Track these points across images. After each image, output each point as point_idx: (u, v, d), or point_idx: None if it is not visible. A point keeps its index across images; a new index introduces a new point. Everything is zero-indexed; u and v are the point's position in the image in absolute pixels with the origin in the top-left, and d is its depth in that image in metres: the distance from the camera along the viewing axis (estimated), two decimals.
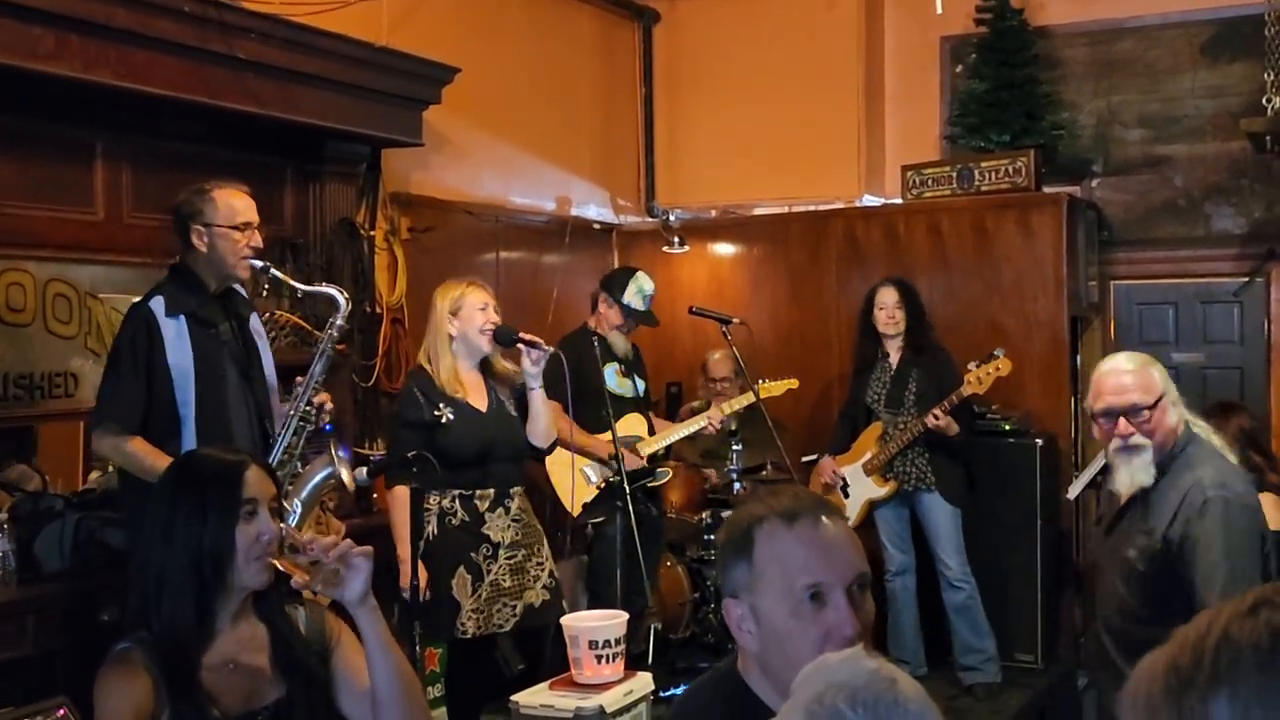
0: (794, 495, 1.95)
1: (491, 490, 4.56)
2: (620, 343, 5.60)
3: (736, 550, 1.91)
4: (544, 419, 4.64)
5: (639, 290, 5.57)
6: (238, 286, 4.00)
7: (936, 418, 5.69)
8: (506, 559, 4.55)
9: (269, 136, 4.94)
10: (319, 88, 4.86)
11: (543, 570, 4.63)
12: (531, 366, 4.55)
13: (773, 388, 5.81)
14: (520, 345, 4.53)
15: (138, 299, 3.88)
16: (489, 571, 4.51)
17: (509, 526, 4.57)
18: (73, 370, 4.37)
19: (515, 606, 4.53)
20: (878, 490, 5.99)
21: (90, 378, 4.40)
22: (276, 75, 4.66)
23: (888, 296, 6.00)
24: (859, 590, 1.87)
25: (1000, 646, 6.03)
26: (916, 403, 5.85)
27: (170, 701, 2.34)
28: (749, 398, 5.73)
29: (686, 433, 5.79)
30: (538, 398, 4.61)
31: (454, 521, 4.52)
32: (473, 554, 4.50)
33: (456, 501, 4.52)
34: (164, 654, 2.36)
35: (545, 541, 4.72)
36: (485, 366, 4.69)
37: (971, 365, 5.75)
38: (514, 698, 3.73)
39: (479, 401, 4.62)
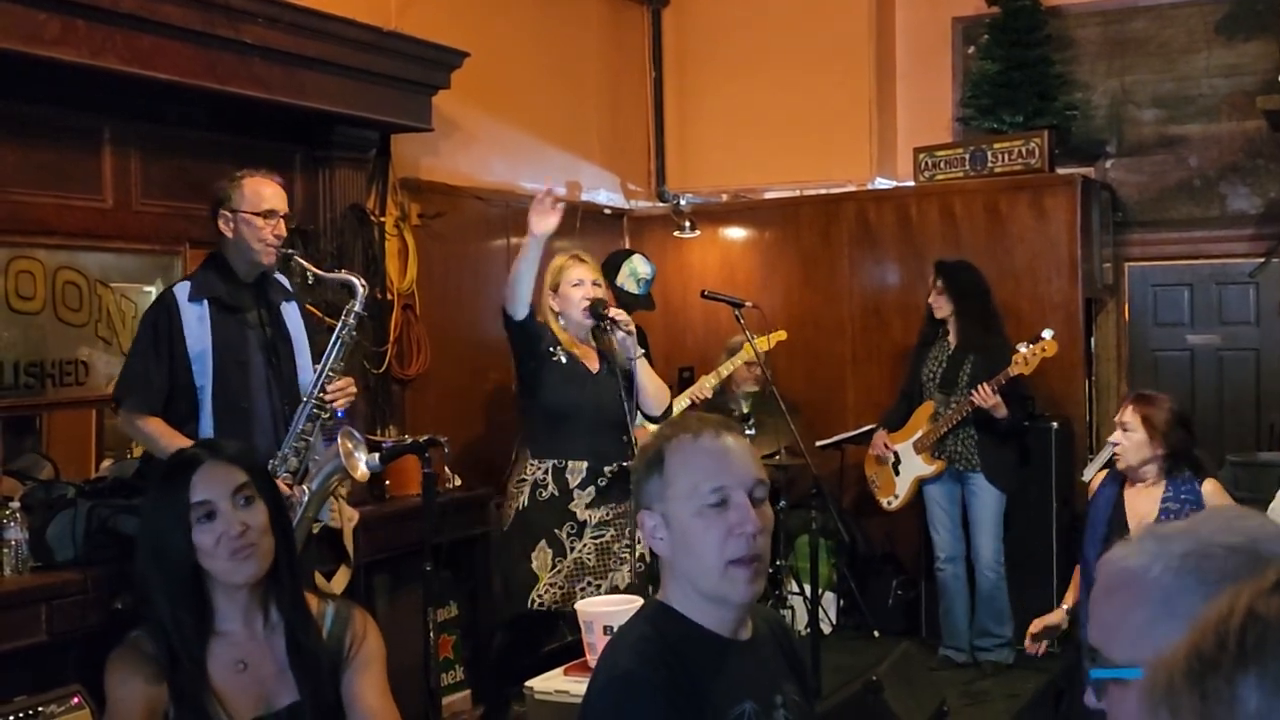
0: (699, 418, 2.18)
1: (584, 464, 4.57)
2: None
3: (649, 467, 2.12)
4: (651, 385, 4.66)
5: (632, 273, 5.54)
6: (280, 277, 4.09)
7: (984, 395, 5.67)
8: (593, 538, 4.55)
9: (277, 122, 4.92)
10: (327, 72, 4.83)
11: (632, 553, 4.59)
12: (622, 341, 4.58)
13: (769, 340, 5.76)
14: (609, 323, 4.56)
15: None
16: (573, 549, 4.52)
17: (599, 506, 4.57)
18: (83, 358, 4.36)
19: (600, 586, 4.52)
20: (926, 468, 6.01)
21: (100, 366, 4.40)
22: (284, 60, 4.63)
23: (932, 280, 6.02)
24: (758, 500, 2.08)
25: (1015, 629, 6.02)
26: (970, 384, 5.84)
27: (175, 702, 2.31)
28: (734, 363, 5.73)
29: (677, 410, 5.75)
30: (640, 367, 4.62)
31: (543, 495, 4.55)
32: (556, 530, 4.53)
33: (549, 474, 4.56)
34: (170, 648, 2.34)
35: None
36: (598, 337, 4.72)
37: (1021, 346, 5.73)
38: (528, 683, 3.71)
39: (591, 365, 4.67)
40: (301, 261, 4.04)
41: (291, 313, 4.08)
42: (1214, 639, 0.89)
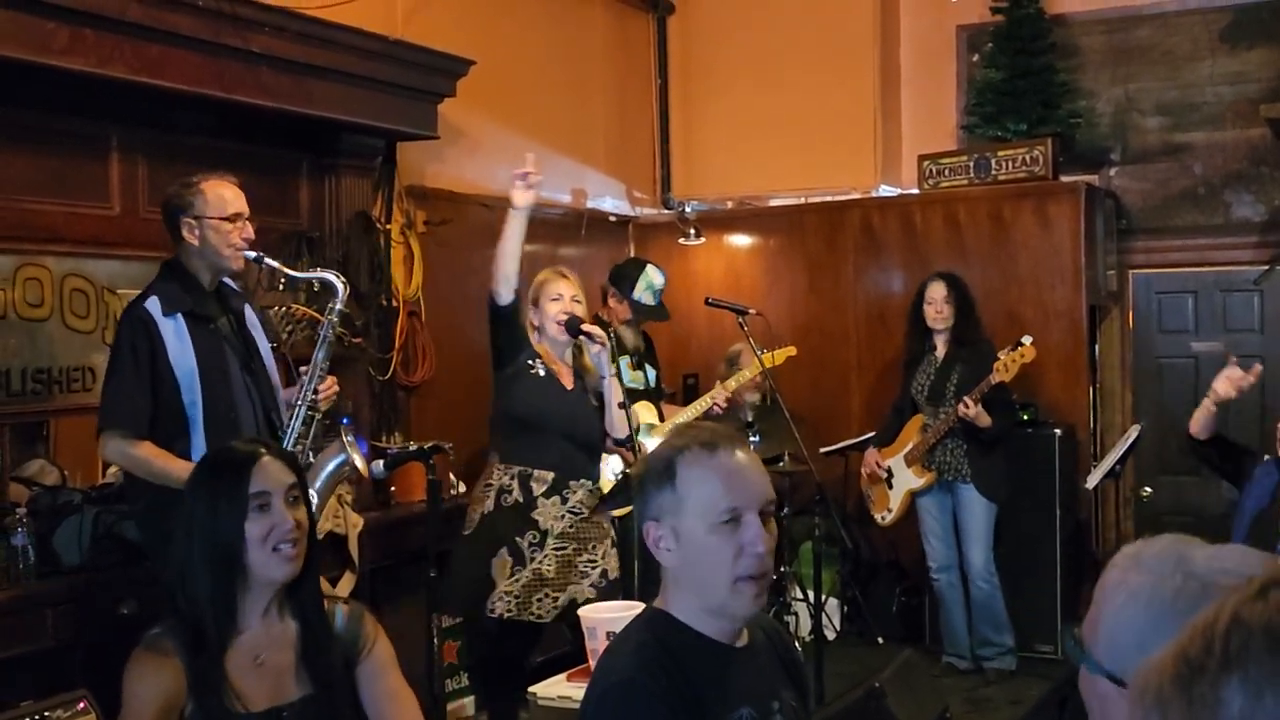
0: (711, 430, 2.17)
1: (550, 475, 4.55)
2: (630, 336, 5.60)
3: (659, 478, 2.11)
4: (618, 408, 4.59)
5: (649, 285, 5.56)
6: (228, 280, 3.94)
7: (966, 406, 5.67)
8: (555, 549, 4.51)
9: (284, 130, 4.95)
10: (333, 81, 4.86)
11: (594, 569, 4.56)
12: (595, 357, 4.57)
13: (775, 357, 5.76)
14: (584, 337, 4.55)
15: (132, 300, 3.82)
16: (533, 559, 4.49)
17: (563, 517, 4.54)
18: (90, 365, 4.38)
19: (557, 599, 4.49)
20: (917, 481, 6.01)
21: None
22: (291, 69, 4.66)
23: (937, 292, 5.98)
24: (767, 515, 2.10)
25: (1019, 637, 6.03)
26: (957, 395, 5.84)
27: (194, 694, 2.37)
28: (749, 372, 5.73)
29: (693, 415, 5.76)
30: (608, 387, 4.58)
31: (508, 501, 4.53)
32: (518, 538, 4.49)
33: (515, 480, 4.54)
34: (192, 644, 2.39)
35: (608, 541, 4.64)
36: (575, 355, 4.70)
37: (1001, 354, 5.74)
38: (532, 689, 3.72)
39: (566, 382, 4.65)
40: (272, 263, 3.91)
41: (252, 317, 3.99)
42: (1200, 644, 0.91)
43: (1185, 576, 1.27)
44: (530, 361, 4.59)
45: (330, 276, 4.02)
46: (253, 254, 3.82)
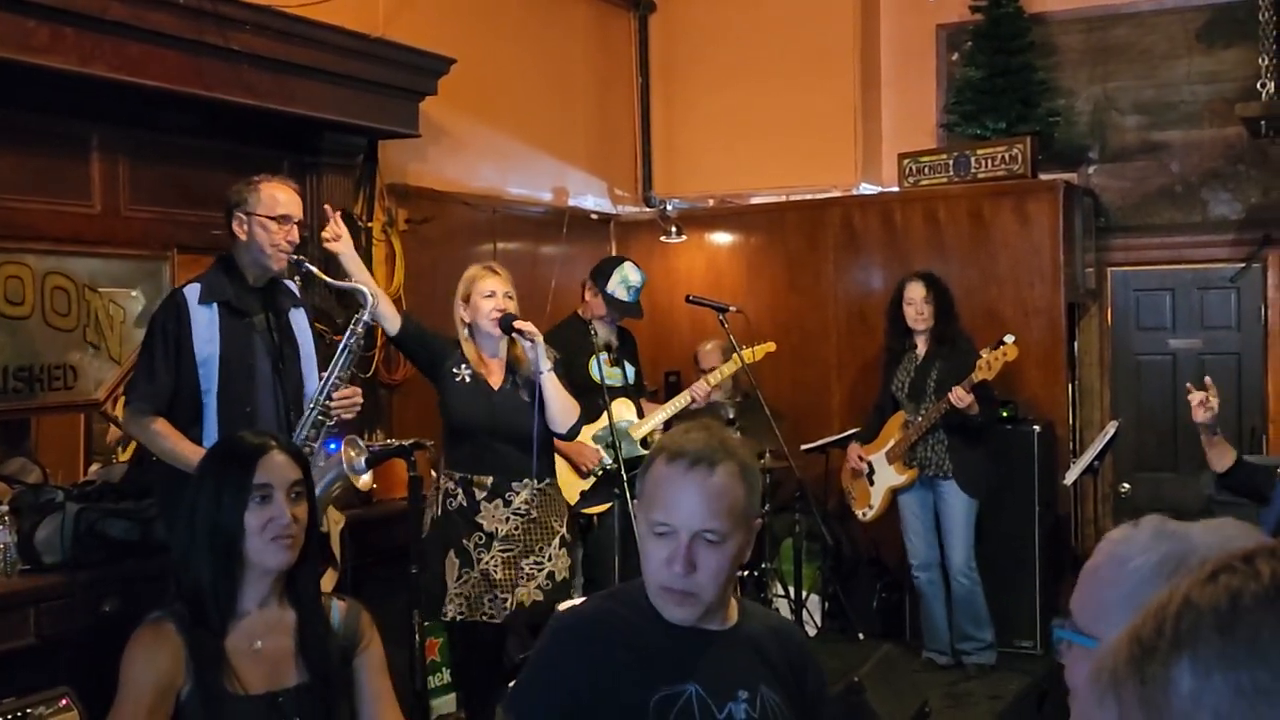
0: (694, 439, 2.11)
1: (490, 479, 4.55)
2: (603, 331, 5.58)
3: (644, 467, 2.17)
4: (556, 402, 4.55)
5: (623, 280, 5.56)
6: (289, 283, 4.10)
7: (959, 396, 5.69)
8: (501, 551, 4.52)
9: (265, 128, 4.94)
10: (315, 79, 4.86)
11: (540, 570, 4.57)
12: (530, 352, 4.54)
13: (755, 352, 5.78)
14: (515, 334, 4.54)
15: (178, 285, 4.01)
16: (479, 560, 4.50)
17: (508, 519, 4.54)
18: (72, 363, 4.38)
19: (506, 600, 4.50)
20: (898, 478, 6.04)
21: (89, 370, 4.42)
22: (272, 67, 4.66)
23: (915, 292, 6.02)
24: (707, 542, 2.05)
25: (999, 632, 6.07)
26: (937, 392, 5.87)
27: (194, 675, 2.42)
28: (730, 368, 5.75)
29: (673, 411, 5.76)
30: (546, 381, 4.53)
31: (453, 505, 4.55)
32: (464, 540, 4.51)
33: (458, 485, 4.56)
34: (192, 624, 2.45)
35: (556, 542, 4.63)
36: (509, 350, 4.68)
37: (984, 351, 5.77)
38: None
39: (495, 380, 4.63)
40: (312, 269, 4.06)
41: (299, 320, 4.09)
42: (1153, 626, 0.93)
43: (1190, 552, 1.29)
44: (455, 369, 4.60)
45: (362, 288, 4.19)
46: (294, 257, 3.96)
